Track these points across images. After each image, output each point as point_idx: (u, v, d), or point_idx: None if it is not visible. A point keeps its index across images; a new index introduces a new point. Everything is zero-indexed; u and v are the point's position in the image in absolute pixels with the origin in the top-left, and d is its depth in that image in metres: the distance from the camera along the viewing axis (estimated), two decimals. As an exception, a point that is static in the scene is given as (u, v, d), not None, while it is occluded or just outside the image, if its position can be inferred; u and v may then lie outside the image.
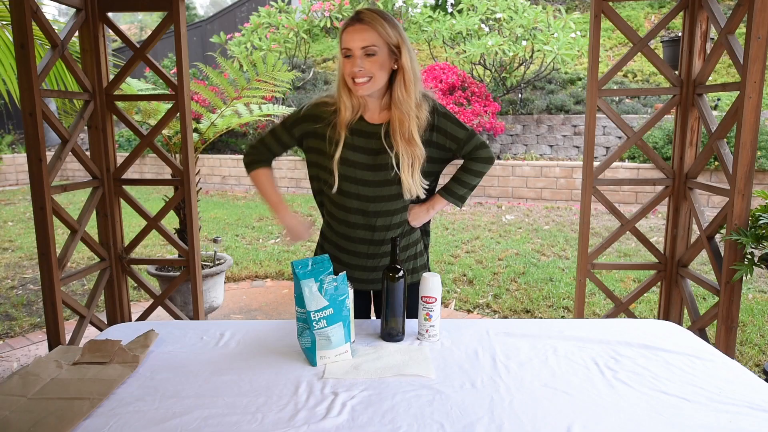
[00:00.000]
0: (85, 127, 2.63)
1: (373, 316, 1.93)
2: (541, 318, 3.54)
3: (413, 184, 1.61)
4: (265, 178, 1.75)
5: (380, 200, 1.65)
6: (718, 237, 2.36)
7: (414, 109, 1.57)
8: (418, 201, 1.75)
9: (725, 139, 2.30)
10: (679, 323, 2.60)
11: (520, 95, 8.03)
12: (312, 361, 1.41)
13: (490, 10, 7.82)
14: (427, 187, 1.68)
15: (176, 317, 2.91)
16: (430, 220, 1.83)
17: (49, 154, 2.30)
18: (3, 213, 7.17)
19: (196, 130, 3.54)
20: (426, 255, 1.86)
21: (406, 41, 1.54)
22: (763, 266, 2.16)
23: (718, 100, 7.22)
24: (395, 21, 1.54)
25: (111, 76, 2.66)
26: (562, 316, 3.55)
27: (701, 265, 4.38)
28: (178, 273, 3.27)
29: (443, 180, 1.77)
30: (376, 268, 1.73)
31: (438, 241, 5.32)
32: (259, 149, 1.74)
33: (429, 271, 1.85)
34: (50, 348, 2.42)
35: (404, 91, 1.55)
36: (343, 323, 1.41)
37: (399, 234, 1.72)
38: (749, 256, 2.19)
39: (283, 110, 3.84)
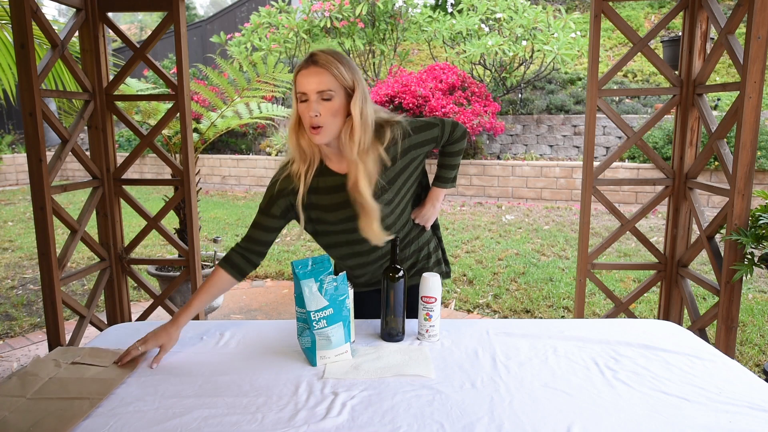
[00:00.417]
0: (85, 127, 2.63)
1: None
2: (541, 318, 3.54)
3: (374, 235, 1.52)
4: (213, 280, 1.56)
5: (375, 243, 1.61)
6: (718, 237, 2.36)
7: (357, 158, 1.45)
8: (416, 202, 1.74)
9: (725, 139, 2.30)
10: (679, 323, 2.60)
11: (520, 95, 8.04)
12: (312, 361, 1.41)
13: (490, 10, 7.82)
14: (399, 230, 1.64)
15: (176, 317, 2.90)
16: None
17: (49, 154, 2.30)
18: (3, 213, 7.17)
19: (196, 130, 3.54)
20: (440, 248, 1.83)
21: (360, 83, 1.44)
22: (763, 266, 2.16)
23: (718, 100, 7.22)
24: (351, 62, 1.46)
25: (111, 76, 2.67)
26: (562, 316, 3.55)
27: (701, 265, 4.38)
28: (178, 273, 3.27)
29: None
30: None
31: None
32: (237, 246, 1.60)
33: (447, 265, 1.85)
34: (50, 348, 2.42)
35: (347, 137, 1.44)
36: (343, 323, 1.41)
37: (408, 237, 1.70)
38: (749, 256, 2.19)
39: (283, 111, 3.84)
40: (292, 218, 1.60)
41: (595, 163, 2.52)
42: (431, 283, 1.51)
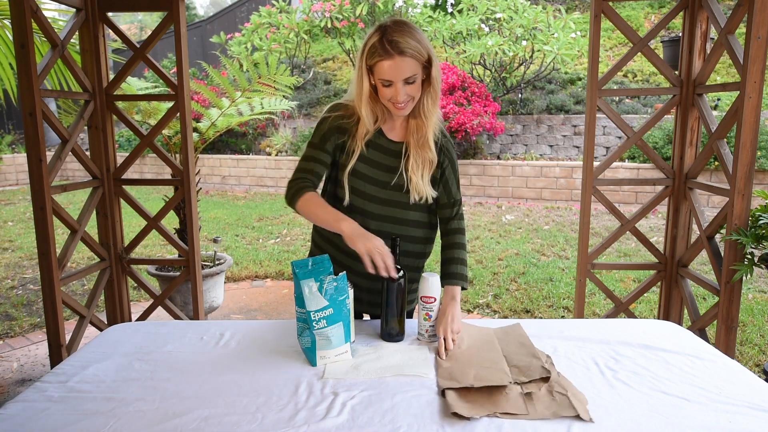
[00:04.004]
0: (85, 127, 2.63)
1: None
2: (541, 318, 3.54)
3: (423, 185, 1.59)
4: (315, 198, 1.57)
5: (384, 219, 1.63)
6: (718, 237, 2.36)
7: (435, 119, 1.58)
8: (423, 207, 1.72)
9: (725, 139, 2.30)
10: (679, 323, 2.60)
11: (520, 95, 8.03)
12: (312, 361, 1.41)
13: (490, 10, 7.82)
14: (435, 195, 1.65)
15: (176, 317, 2.91)
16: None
17: (49, 154, 2.30)
18: (3, 213, 7.16)
19: (196, 129, 3.54)
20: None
21: (432, 50, 1.48)
22: (763, 266, 2.16)
23: (718, 100, 7.21)
24: (420, 31, 1.47)
25: (111, 76, 2.67)
26: (562, 316, 3.55)
27: (701, 265, 4.38)
28: (178, 273, 3.27)
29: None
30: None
31: (439, 241, 5.31)
32: (300, 178, 1.61)
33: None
34: (50, 348, 2.42)
35: (431, 103, 1.54)
36: (343, 323, 1.41)
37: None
38: (749, 256, 2.19)
39: (283, 107, 3.84)
40: (337, 157, 1.64)
41: (595, 163, 2.52)
42: (431, 283, 1.51)
